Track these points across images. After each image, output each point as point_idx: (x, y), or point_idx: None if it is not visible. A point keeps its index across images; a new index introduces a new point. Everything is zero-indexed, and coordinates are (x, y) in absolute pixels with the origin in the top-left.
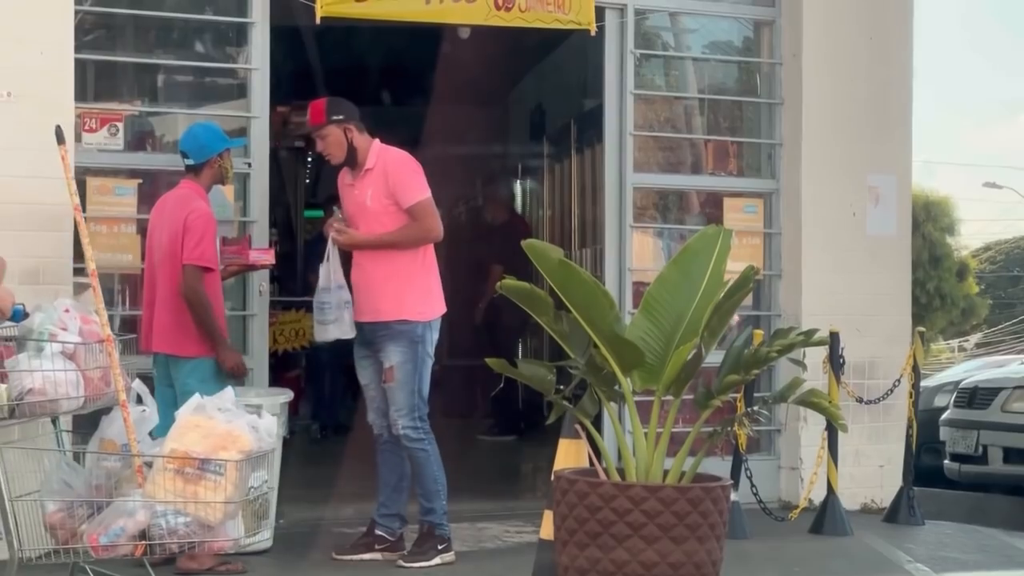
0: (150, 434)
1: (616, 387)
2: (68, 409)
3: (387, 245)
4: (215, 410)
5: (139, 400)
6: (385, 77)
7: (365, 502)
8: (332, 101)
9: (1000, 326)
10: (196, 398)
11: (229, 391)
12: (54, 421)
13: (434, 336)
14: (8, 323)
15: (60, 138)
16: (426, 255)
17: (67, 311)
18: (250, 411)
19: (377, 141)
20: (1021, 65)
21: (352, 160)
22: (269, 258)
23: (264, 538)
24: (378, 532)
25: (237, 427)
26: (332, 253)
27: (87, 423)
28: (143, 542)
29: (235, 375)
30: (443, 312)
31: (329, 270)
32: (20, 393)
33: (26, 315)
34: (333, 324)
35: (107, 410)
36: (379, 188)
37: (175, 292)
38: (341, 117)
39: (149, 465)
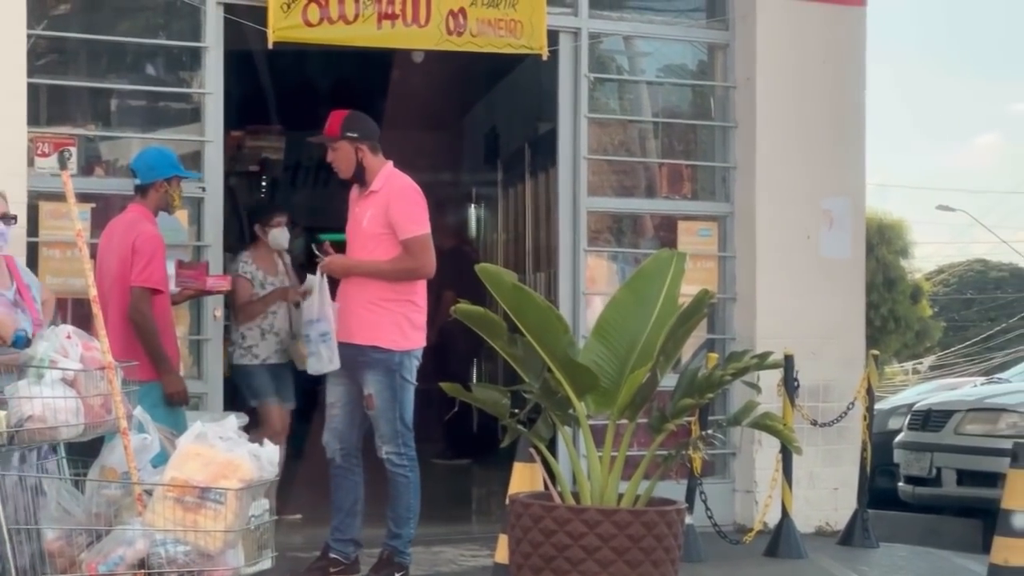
0: (151, 462)
1: (570, 411)
2: (68, 436)
3: (377, 275)
4: (216, 438)
5: (140, 428)
6: (340, 102)
7: (316, 527)
8: (351, 116)
9: (953, 348)
10: (198, 426)
11: (231, 419)
12: (55, 448)
13: (414, 363)
14: (10, 350)
15: (63, 163)
16: (410, 286)
17: (68, 337)
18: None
19: (389, 164)
20: (974, 88)
21: (360, 178)
22: (226, 284)
23: (266, 567)
24: (332, 556)
25: (238, 456)
26: (319, 285)
27: (88, 450)
28: (142, 571)
29: (175, 402)
30: (422, 344)
31: (313, 302)
32: (19, 420)
33: (28, 342)
34: (312, 357)
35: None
36: (378, 213)
37: (125, 316)
38: (355, 135)
39: (149, 493)
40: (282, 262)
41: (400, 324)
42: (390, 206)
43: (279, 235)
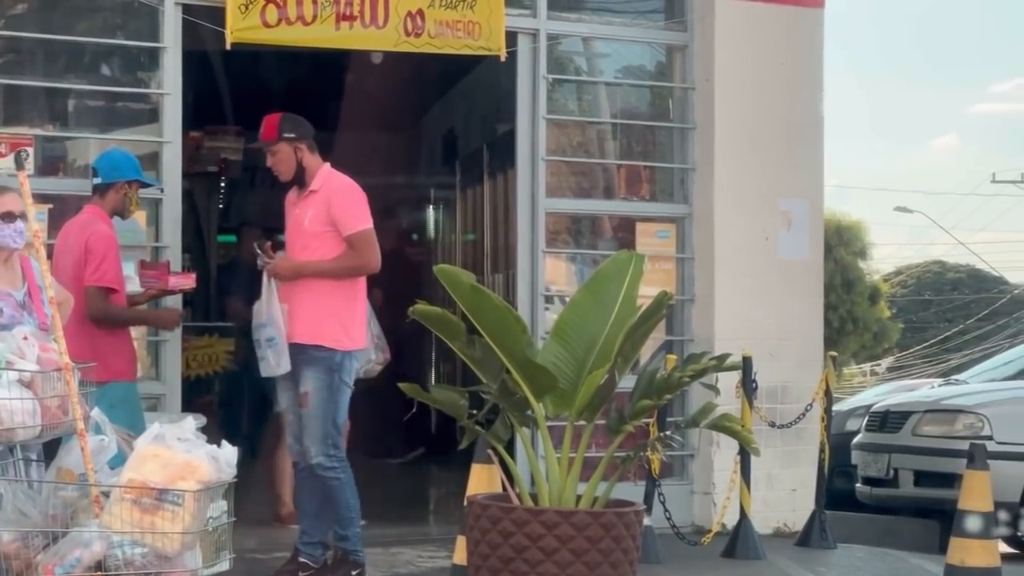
0: (108, 464)
1: (529, 412)
2: (24, 438)
3: (323, 274)
4: (174, 440)
5: (98, 429)
6: (298, 102)
7: (273, 529)
8: (286, 118)
9: (911, 350)
10: (156, 427)
11: (189, 420)
12: (12, 449)
13: (353, 365)
14: None
15: (20, 164)
16: (353, 285)
17: (25, 339)
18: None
19: (327, 165)
20: (932, 91)
21: (300, 179)
22: (190, 283)
23: (224, 569)
24: (302, 559)
25: (196, 457)
26: (266, 288)
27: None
28: (99, 573)
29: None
30: (363, 346)
31: (261, 306)
32: None
33: None
34: (262, 361)
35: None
36: (320, 212)
37: (81, 318)
38: (293, 136)
39: (106, 495)
40: None
41: (344, 323)
42: (331, 203)
43: None
